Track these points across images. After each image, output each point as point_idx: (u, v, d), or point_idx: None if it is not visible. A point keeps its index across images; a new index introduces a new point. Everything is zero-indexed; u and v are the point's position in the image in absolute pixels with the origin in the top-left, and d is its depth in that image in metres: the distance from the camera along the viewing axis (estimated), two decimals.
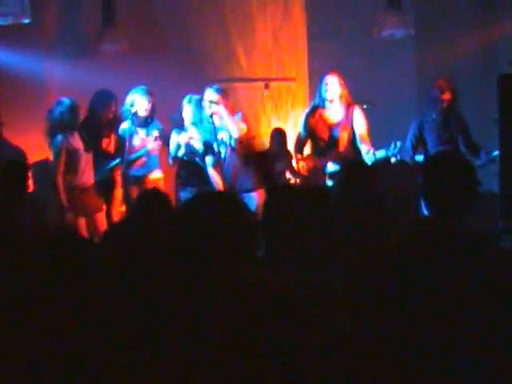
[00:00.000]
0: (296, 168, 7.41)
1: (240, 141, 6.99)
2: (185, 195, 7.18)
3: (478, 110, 8.26)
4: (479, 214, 3.50)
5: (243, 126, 7.03)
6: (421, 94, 8.84)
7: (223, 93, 7.07)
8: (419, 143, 7.39)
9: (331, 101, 7.08)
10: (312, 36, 9.22)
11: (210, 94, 7.01)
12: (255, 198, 6.77)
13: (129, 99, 7.36)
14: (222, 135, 7.07)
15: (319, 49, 9.18)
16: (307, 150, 7.51)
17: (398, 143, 6.77)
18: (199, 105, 7.23)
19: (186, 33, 8.97)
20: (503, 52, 8.38)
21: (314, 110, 7.22)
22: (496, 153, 6.87)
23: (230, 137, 7.01)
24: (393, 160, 6.72)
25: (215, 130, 7.04)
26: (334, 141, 7.08)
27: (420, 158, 7.30)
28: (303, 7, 9.30)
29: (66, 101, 7.07)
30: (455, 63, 8.78)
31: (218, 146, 7.06)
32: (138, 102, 7.35)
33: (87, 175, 7.14)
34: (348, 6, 9.12)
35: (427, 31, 8.89)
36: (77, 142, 7.08)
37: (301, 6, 9.31)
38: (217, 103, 6.96)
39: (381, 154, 6.78)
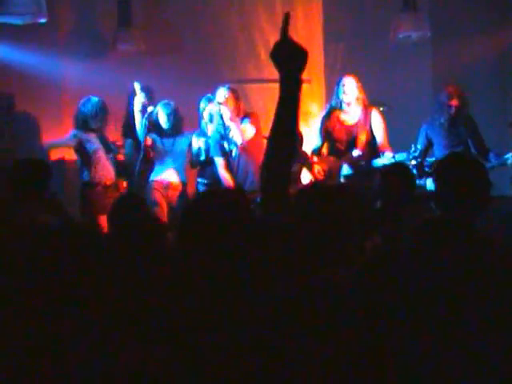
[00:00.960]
0: (311, 170, 7.35)
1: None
2: None
3: (494, 113, 8.22)
4: (492, 217, 3.48)
5: (249, 130, 6.91)
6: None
7: (231, 93, 6.96)
8: (429, 148, 7.36)
9: (348, 103, 7.05)
10: (328, 37, 9.19)
11: (219, 94, 6.97)
12: None
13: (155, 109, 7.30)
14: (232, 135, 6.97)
15: (335, 50, 9.16)
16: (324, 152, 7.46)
17: (419, 146, 6.77)
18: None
19: (202, 33, 8.96)
20: None
21: (330, 113, 7.18)
22: (508, 155, 6.84)
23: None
24: (413, 162, 6.67)
25: (225, 130, 6.99)
26: (351, 143, 7.06)
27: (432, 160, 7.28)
28: (320, 8, 9.28)
29: (91, 101, 7.13)
30: (471, 65, 8.73)
31: (229, 145, 7.01)
32: (159, 115, 7.32)
33: (105, 173, 7.15)
34: (364, 8, 9.10)
35: (443, 33, 8.83)
36: (91, 141, 7.11)
37: (318, 7, 9.28)
38: (221, 103, 6.90)
39: (401, 157, 6.75)
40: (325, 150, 7.38)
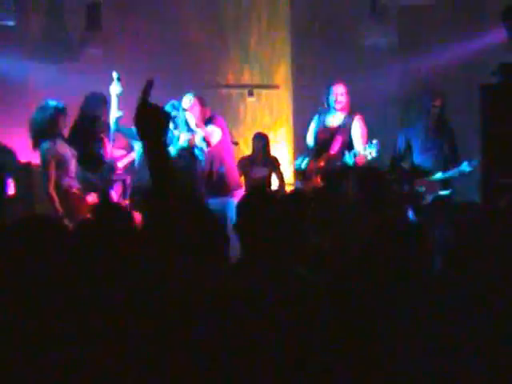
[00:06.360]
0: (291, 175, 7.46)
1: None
2: None
3: (462, 120, 8.30)
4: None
5: (216, 133, 7.04)
6: (405, 102, 8.91)
7: (197, 99, 7.08)
8: (407, 151, 7.45)
9: (337, 109, 7.26)
10: (296, 43, 9.24)
11: (185, 100, 7.06)
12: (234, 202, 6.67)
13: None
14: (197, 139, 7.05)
15: (303, 56, 9.21)
16: None
17: (374, 141, 6.86)
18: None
19: (170, 39, 8.97)
20: (487, 62, 8.41)
21: (318, 118, 7.39)
22: (463, 164, 6.99)
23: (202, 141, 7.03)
24: (369, 157, 6.82)
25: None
26: (327, 143, 7.21)
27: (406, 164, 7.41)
28: (288, 15, 9.32)
29: (49, 105, 6.75)
30: (440, 72, 8.82)
31: (198, 151, 7.08)
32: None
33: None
34: (332, 15, 9.15)
35: (411, 40, 8.92)
36: (63, 147, 6.82)
37: (286, 14, 9.33)
38: (187, 110, 7.00)
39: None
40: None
